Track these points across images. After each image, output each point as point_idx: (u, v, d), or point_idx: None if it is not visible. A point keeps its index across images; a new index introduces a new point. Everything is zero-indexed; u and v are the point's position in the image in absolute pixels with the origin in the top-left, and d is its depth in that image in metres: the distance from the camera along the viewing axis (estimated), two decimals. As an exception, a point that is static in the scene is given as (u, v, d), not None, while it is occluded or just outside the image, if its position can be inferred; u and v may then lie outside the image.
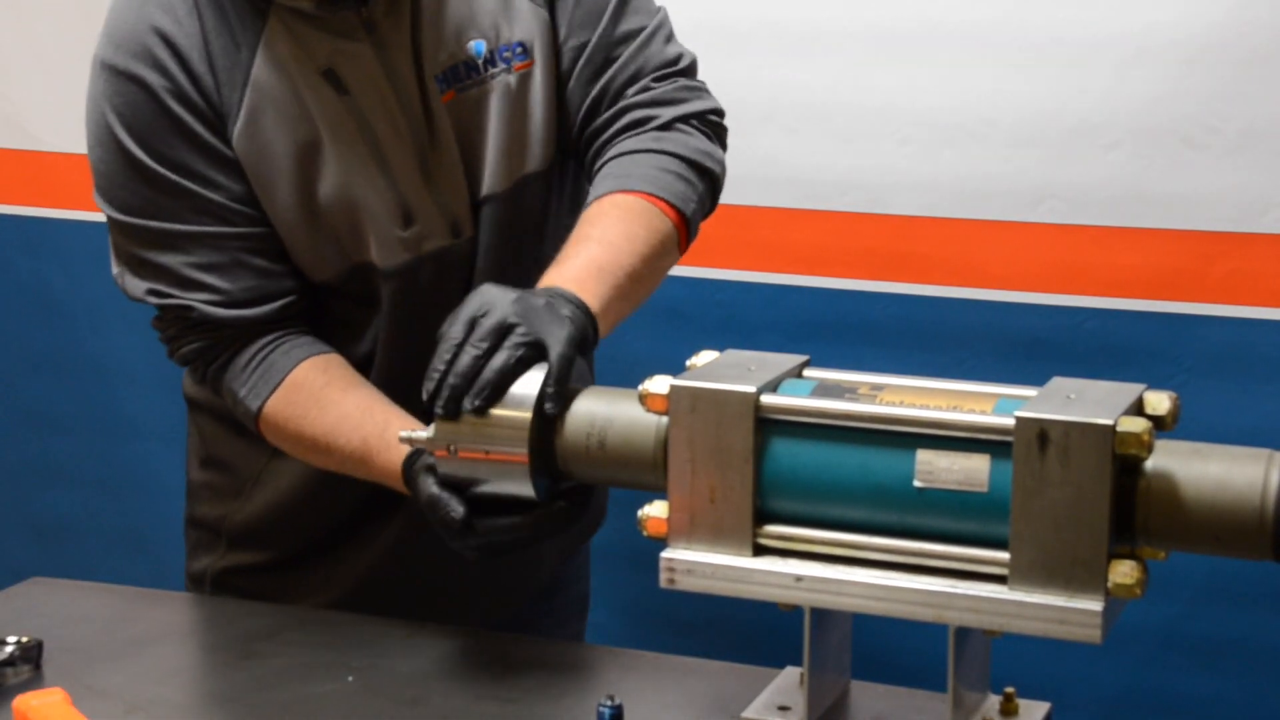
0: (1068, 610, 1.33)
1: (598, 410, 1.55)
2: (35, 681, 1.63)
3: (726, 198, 1.97)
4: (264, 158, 1.77)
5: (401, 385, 1.75)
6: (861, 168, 2.63)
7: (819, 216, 2.56)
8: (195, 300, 1.80)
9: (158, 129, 1.77)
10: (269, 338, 1.83)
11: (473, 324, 1.56)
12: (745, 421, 1.43)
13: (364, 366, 1.86)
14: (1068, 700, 1.59)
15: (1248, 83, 2.43)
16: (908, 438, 1.39)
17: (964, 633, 1.41)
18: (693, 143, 1.87)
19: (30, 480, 3.30)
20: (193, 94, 1.76)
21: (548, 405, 1.52)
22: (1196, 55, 2.44)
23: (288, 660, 1.69)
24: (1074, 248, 2.56)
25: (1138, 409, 1.36)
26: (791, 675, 1.55)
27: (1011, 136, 2.55)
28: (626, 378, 1.56)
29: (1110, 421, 1.31)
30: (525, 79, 1.84)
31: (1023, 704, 1.48)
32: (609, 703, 1.50)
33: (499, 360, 1.53)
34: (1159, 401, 1.37)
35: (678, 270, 2.00)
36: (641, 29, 1.89)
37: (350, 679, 1.64)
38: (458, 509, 1.55)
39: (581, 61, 1.87)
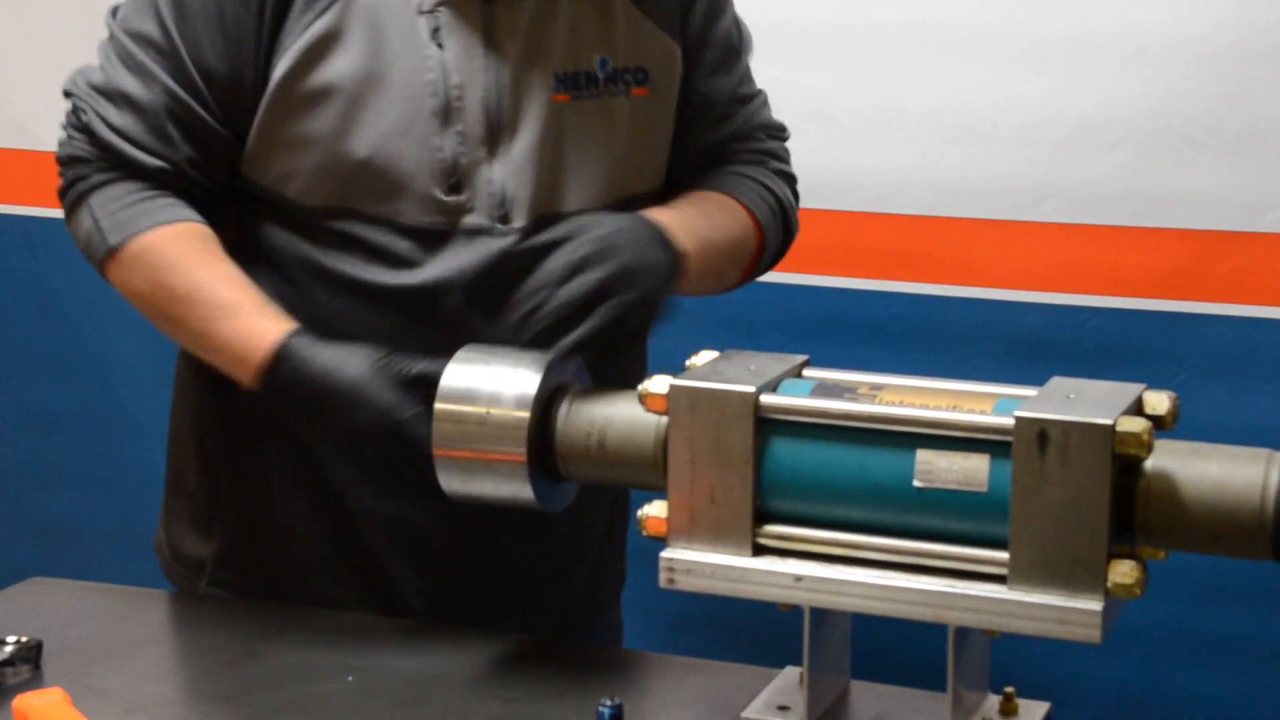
0: (1067, 610, 1.33)
1: (597, 410, 1.55)
2: (35, 681, 1.63)
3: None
4: (323, 78, 1.70)
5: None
6: (864, 167, 2.63)
7: (821, 216, 2.56)
8: (108, 123, 1.74)
9: None
10: (157, 186, 1.76)
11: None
12: (745, 421, 1.43)
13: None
14: (1068, 700, 1.59)
15: (1250, 82, 2.43)
16: (907, 437, 1.39)
17: (964, 633, 1.41)
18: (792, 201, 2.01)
19: (31, 480, 3.29)
20: None
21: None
22: (1199, 55, 2.44)
23: (288, 660, 1.69)
24: (1076, 247, 2.56)
25: (1137, 409, 1.36)
26: (791, 675, 1.55)
27: (1014, 136, 2.55)
28: (627, 378, 1.56)
29: (1110, 421, 1.31)
30: (641, 104, 1.83)
31: (1022, 704, 1.48)
32: (609, 703, 1.50)
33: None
34: (1158, 401, 1.37)
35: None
36: (756, 94, 1.99)
37: (350, 679, 1.64)
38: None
39: (699, 109, 1.91)
